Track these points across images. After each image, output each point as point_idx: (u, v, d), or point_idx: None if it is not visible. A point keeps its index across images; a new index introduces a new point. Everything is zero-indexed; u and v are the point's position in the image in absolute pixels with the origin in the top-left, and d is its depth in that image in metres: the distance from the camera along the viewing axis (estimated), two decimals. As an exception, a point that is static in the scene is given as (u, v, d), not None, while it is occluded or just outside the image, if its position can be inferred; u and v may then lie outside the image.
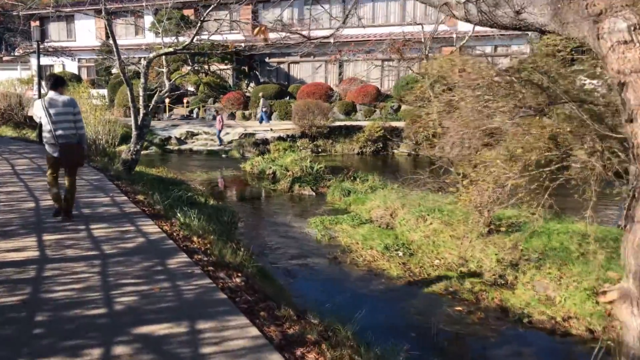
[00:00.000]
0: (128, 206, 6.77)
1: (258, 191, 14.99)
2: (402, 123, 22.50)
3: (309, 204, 13.18)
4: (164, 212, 6.80)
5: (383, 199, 11.40)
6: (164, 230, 5.64)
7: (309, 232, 10.54)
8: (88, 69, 35.05)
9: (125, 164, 12.42)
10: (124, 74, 12.23)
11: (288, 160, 17.42)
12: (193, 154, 22.58)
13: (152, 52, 24.67)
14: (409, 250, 9.11)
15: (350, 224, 10.82)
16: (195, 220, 6.28)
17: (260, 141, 22.12)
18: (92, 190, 8.00)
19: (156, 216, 6.38)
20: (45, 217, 6.20)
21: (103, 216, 6.23)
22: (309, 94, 26.16)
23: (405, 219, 10.28)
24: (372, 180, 14.31)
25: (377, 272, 8.27)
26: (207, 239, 5.51)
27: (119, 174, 10.36)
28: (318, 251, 9.40)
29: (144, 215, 6.30)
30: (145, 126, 12.94)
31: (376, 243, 9.36)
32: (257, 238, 10.17)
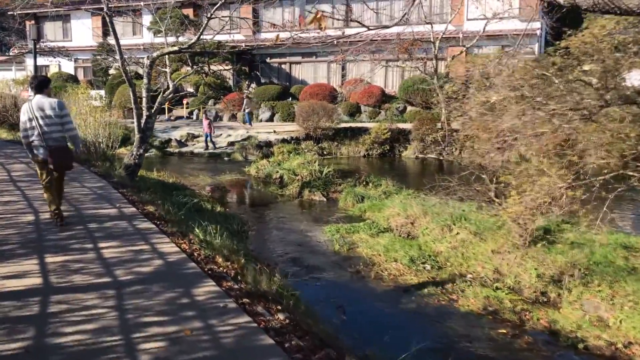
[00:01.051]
0: (138, 219, 6.10)
1: (266, 196, 14.33)
2: (409, 125, 21.91)
3: (320, 211, 12.54)
4: (178, 225, 6.14)
5: (402, 206, 10.77)
6: (182, 249, 4.98)
7: (325, 241, 9.91)
8: (85, 69, 34.29)
9: (128, 168, 11.75)
10: (126, 74, 11.55)
11: (295, 164, 16.79)
12: (194, 156, 21.90)
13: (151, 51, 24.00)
14: (436, 263, 8.49)
15: (368, 232, 10.19)
16: (218, 237, 5.60)
17: (264, 143, 21.46)
18: (96, 200, 7.33)
19: (171, 231, 5.72)
20: (47, 232, 5.53)
21: (112, 232, 5.56)
22: (312, 94, 25.51)
23: (428, 228, 9.66)
24: (386, 185, 13.67)
25: (406, 288, 7.63)
26: (233, 261, 4.86)
27: (122, 180, 9.69)
28: (338, 263, 8.76)
29: (158, 230, 5.64)
30: (148, 129, 12.28)
31: (400, 255, 8.73)
32: (271, 248, 9.52)
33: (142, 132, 12.03)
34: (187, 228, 6.11)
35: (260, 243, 9.87)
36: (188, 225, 6.40)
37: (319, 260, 8.97)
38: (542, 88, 6.62)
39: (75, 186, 8.54)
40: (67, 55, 28.96)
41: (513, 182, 7.08)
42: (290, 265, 8.56)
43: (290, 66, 29.84)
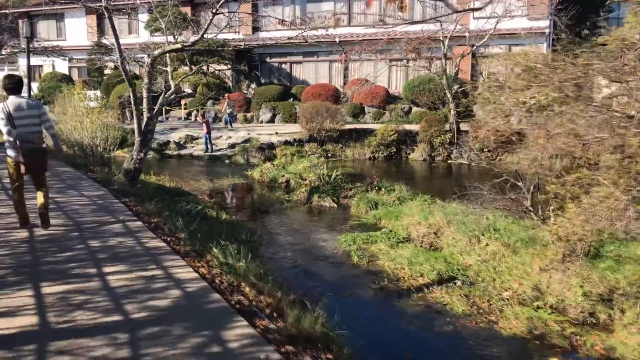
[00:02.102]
0: (146, 235, 5.40)
1: (272, 202, 13.63)
2: (415, 126, 21.25)
3: (332, 218, 11.85)
4: (190, 242, 5.44)
5: (423, 214, 10.09)
6: (201, 274, 4.28)
7: (342, 252, 9.22)
8: (79, 69, 33.49)
9: (128, 174, 11.04)
10: (126, 73, 10.84)
11: (300, 167, 16.12)
12: (193, 159, 21.17)
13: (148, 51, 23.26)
14: (466, 278, 7.82)
15: (387, 243, 9.52)
16: (241, 259, 4.88)
17: (266, 146, 20.74)
18: (97, 211, 6.62)
19: (185, 251, 5.02)
20: (43, 253, 4.82)
21: (117, 252, 4.86)
22: (315, 95, 24.80)
23: (454, 239, 8.98)
24: (400, 190, 12.99)
25: (437, 308, 6.95)
26: (263, 290, 4.17)
27: (123, 187, 8.98)
28: (359, 278, 8.08)
29: (169, 249, 4.94)
30: (149, 131, 11.58)
31: (426, 269, 8.06)
32: (285, 261, 8.82)
33: (143, 135, 11.34)
34: (200, 245, 5.41)
35: (272, 254, 9.17)
36: (201, 240, 5.70)
37: (337, 274, 8.30)
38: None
39: (73, 195, 7.83)
40: (62, 54, 28.17)
41: (563, 192, 6.39)
42: (307, 280, 7.87)
43: (291, 66, 29.14)
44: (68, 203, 7.10)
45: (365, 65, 26.41)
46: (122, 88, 25.49)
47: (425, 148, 20.32)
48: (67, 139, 13.63)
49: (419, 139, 20.48)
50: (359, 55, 19.82)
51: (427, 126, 20.14)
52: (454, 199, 10.20)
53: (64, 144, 14.68)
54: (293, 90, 27.13)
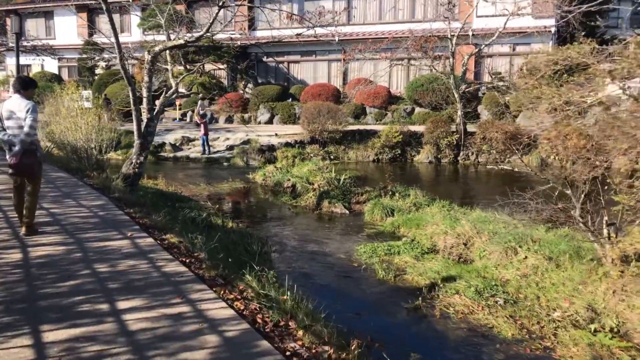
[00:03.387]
0: (161, 257, 4.62)
1: (278, 208, 12.86)
2: (420, 127, 20.56)
3: (345, 225, 11.10)
4: (213, 263, 4.66)
5: (448, 222, 9.36)
6: (237, 310, 3.51)
7: (363, 265, 8.47)
8: (69, 68, 32.49)
9: (127, 179, 10.24)
10: (125, 71, 10.03)
11: (305, 170, 15.37)
12: (190, 161, 20.36)
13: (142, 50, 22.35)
14: (507, 296, 7.08)
15: (411, 254, 8.78)
16: (287, 293, 4.06)
17: (266, 147, 19.98)
18: (100, 225, 5.82)
19: (210, 276, 4.24)
20: (42, 282, 4.02)
21: (131, 280, 4.07)
22: (315, 95, 24.08)
23: (487, 251, 8.26)
24: (415, 195, 12.25)
25: (483, 332, 6.22)
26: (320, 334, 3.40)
27: (124, 195, 8.18)
28: (388, 296, 7.34)
29: (192, 275, 4.16)
30: (150, 133, 10.80)
31: (461, 285, 7.32)
32: (305, 277, 8.04)
33: (143, 138, 10.56)
34: (225, 268, 4.62)
35: (288, 268, 8.38)
36: (224, 261, 4.92)
37: (363, 291, 7.54)
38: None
39: (70, 205, 7.02)
40: (52, 53, 27.20)
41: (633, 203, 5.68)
42: (333, 299, 7.10)
43: (289, 65, 28.38)
44: (66, 215, 6.29)
45: (366, 65, 25.69)
46: (116, 88, 24.61)
47: (431, 150, 19.64)
48: (59, 141, 12.79)
49: (425, 141, 19.79)
50: (363, 54, 19.01)
51: (432, 127, 19.46)
52: (477, 205, 9.44)
53: (55, 147, 13.86)
54: (291, 90, 26.38)
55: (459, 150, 19.52)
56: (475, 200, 12.88)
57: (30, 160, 5.61)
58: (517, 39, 22.81)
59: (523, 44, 24.16)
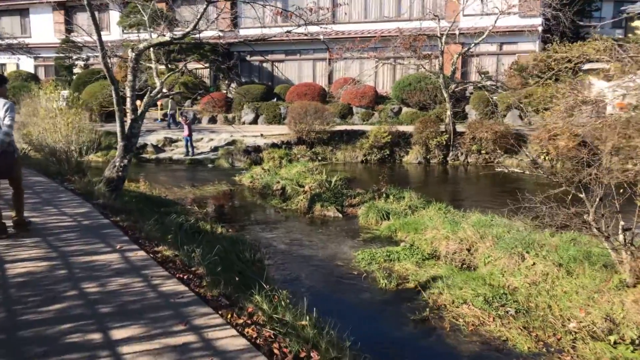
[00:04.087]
0: (156, 273, 4.16)
1: (268, 212, 12.42)
2: (409, 127, 20.24)
3: (340, 230, 10.69)
4: (213, 279, 4.21)
5: (450, 226, 9.01)
6: (250, 339, 3.08)
7: (363, 272, 8.08)
8: (46, 68, 31.58)
9: (110, 183, 9.70)
10: (108, 69, 9.51)
11: (294, 172, 14.94)
12: (173, 163, 19.78)
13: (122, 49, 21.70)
14: (517, 305, 6.74)
15: (411, 260, 8.43)
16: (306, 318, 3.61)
17: (252, 148, 19.50)
18: (85, 236, 5.33)
19: (212, 296, 3.79)
20: (22, 306, 3.54)
21: (125, 302, 3.61)
22: (300, 95, 23.66)
23: (492, 257, 7.92)
24: (409, 197, 11.90)
25: (497, 345, 5.86)
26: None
27: (109, 201, 7.67)
28: (391, 305, 6.96)
29: (194, 295, 3.72)
30: (134, 135, 10.27)
31: (468, 293, 6.97)
32: (303, 287, 7.61)
33: (127, 139, 10.04)
34: (228, 285, 4.18)
35: (285, 277, 7.96)
36: (224, 276, 4.48)
37: (365, 301, 7.15)
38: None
39: (51, 213, 6.50)
40: (28, 51, 26.35)
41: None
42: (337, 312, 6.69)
43: (273, 64, 27.90)
44: (47, 225, 5.78)
45: (352, 64, 25.32)
46: (95, 87, 23.91)
47: (420, 150, 19.35)
48: (37, 143, 12.19)
49: (414, 141, 19.48)
50: (351, 53, 18.62)
51: (422, 127, 19.15)
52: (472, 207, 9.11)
53: (33, 149, 13.23)
54: (276, 90, 25.92)
55: (449, 151, 19.26)
56: (470, 202, 12.59)
57: (9, 161, 5.40)
58: (504, 38, 22.70)
59: (510, 43, 24.05)
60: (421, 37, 18.05)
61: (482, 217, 9.71)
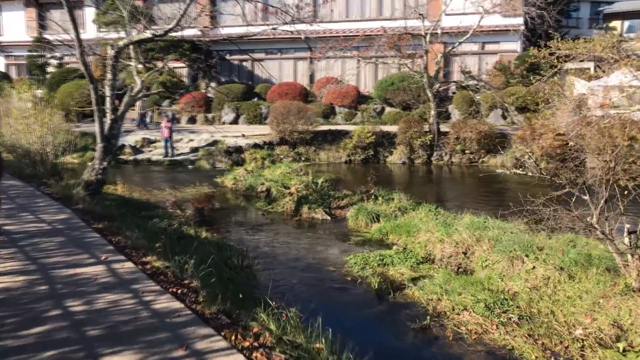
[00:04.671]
0: (147, 287, 3.81)
1: (254, 215, 12.05)
2: (393, 127, 20.04)
3: (329, 233, 10.39)
4: (208, 292, 3.87)
5: (444, 229, 8.77)
6: (259, 364, 2.75)
7: (356, 277, 7.79)
8: (18, 66, 30.66)
9: (89, 187, 9.26)
10: (87, 67, 9.07)
11: (279, 173, 14.62)
12: (152, 164, 19.24)
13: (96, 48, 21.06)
14: (519, 310, 6.51)
15: (406, 265, 8.18)
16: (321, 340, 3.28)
17: (233, 149, 19.08)
18: (66, 246, 4.94)
19: (210, 314, 3.45)
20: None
21: (116, 322, 3.25)
22: (282, 94, 23.30)
23: (489, 260, 7.69)
24: (399, 199, 11.65)
25: (503, 355, 5.62)
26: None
27: (89, 206, 7.25)
28: (390, 315, 6.67)
29: (191, 313, 3.38)
30: (114, 136, 9.86)
31: (468, 300, 6.72)
32: (296, 295, 7.28)
33: (106, 141, 9.62)
34: (225, 300, 3.84)
35: (276, 284, 7.60)
36: (221, 288, 4.13)
37: (361, 308, 6.86)
38: None
39: (28, 220, 6.08)
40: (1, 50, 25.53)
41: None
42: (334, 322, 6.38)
43: (253, 64, 27.46)
44: (24, 233, 5.36)
45: (334, 64, 25.04)
46: (70, 87, 23.23)
47: (404, 150, 19.15)
48: (10, 144, 11.65)
49: (398, 141, 19.29)
50: (334, 52, 18.33)
51: (406, 127, 18.95)
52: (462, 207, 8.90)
53: (5, 151, 12.67)
54: (257, 90, 25.52)
55: (433, 151, 19.10)
56: (457, 202, 12.46)
57: None
58: (486, 37, 22.61)
59: (492, 42, 24.01)
60: (405, 36, 17.80)
61: (475, 218, 9.49)
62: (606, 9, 29.21)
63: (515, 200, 7.76)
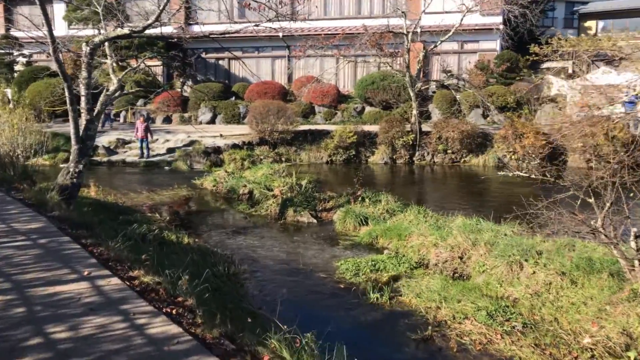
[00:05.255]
0: (139, 308, 3.42)
1: (236, 218, 11.63)
2: (374, 127, 19.80)
3: (316, 237, 10.05)
4: (205, 312, 3.49)
5: (437, 232, 8.50)
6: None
7: (349, 284, 7.48)
8: (-17, 64, 29.50)
9: (64, 191, 8.73)
10: (60, 64, 8.55)
11: (260, 175, 14.24)
12: (127, 166, 18.64)
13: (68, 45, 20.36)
14: (522, 318, 6.27)
15: (399, 270, 7.89)
16: None
17: (212, 150, 18.61)
18: (44, 259, 4.50)
19: (212, 339, 3.09)
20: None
21: (107, 351, 2.86)
22: (260, 93, 22.89)
23: (487, 265, 7.45)
24: (386, 200, 11.37)
25: (511, 366, 5.35)
26: None
27: (65, 213, 6.77)
28: (387, 323, 6.36)
29: (191, 339, 3.00)
30: (89, 137, 9.35)
31: (468, 307, 6.46)
32: (286, 305, 6.91)
33: (82, 142, 9.11)
34: (224, 320, 3.47)
35: (265, 294, 7.24)
36: (220, 307, 3.76)
37: (357, 318, 6.53)
38: None
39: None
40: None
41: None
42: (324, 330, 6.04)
43: (229, 62, 27.00)
44: (-5, 245, 4.89)
45: (312, 62, 24.69)
46: (39, 86, 22.41)
47: (386, 150, 18.94)
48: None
49: (379, 141, 19.06)
50: (315, 51, 17.99)
51: (387, 127, 18.73)
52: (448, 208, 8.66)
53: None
54: (234, 88, 25.03)
55: (415, 151, 18.92)
56: (443, 203, 12.31)
57: None
58: (465, 36, 22.51)
59: (471, 41, 23.96)
60: (387, 34, 17.55)
61: (467, 220, 9.27)
62: (582, 8, 29.46)
63: (500, 201, 7.60)
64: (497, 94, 20.37)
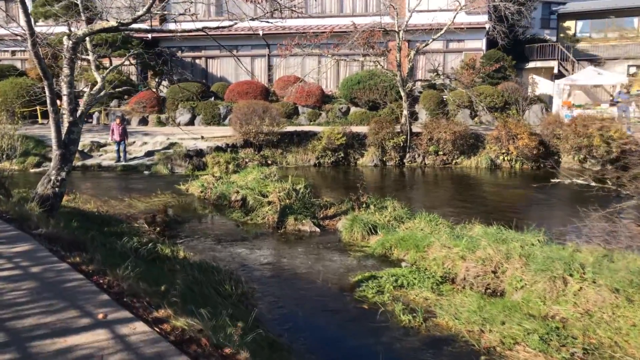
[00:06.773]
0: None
1: (231, 228, 10.77)
2: (364, 128, 19.12)
3: (322, 248, 9.27)
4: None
5: (464, 243, 7.81)
6: None
7: (371, 302, 6.75)
8: (-57, 63, 27.79)
9: (45, 202, 7.79)
10: (40, 60, 7.57)
11: (250, 179, 13.40)
12: (103, 170, 17.57)
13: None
14: (578, 342, 5.62)
15: (425, 286, 7.17)
16: None
17: (194, 152, 17.67)
18: (42, 296, 3.61)
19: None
20: None
21: None
22: (242, 93, 22.00)
23: (525, 280, 6.79)
24: (392, 207, 10.67)
25: (583, 403, 4.67)
26: None
27: (53, 230, 5.84)
28: (429, 353, 5.63)
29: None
30: (73, 142, 8.39)
31: (515, 330, 5.80)
32: (308, 335, 6.12)
33: (64, 147, 8.18)
34: None
35: (281, 321, 6.42)
36: None
37: (390, 345, 5.79)
38: None
39: (-22, 255, 4.64)
40: None
41: None
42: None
43: (207, 61, 26.01)
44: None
45: (294, 62, 23.88)
46: (5, 85, 21.06)
47: (376, 152, 18.30)
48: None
49: (369, 142, 18.41)
50: (302, 49, 17.20)
51: (377, 128, 18.08)
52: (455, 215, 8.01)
53: None
54: (213, 89, 24.07)
55: (405, 152, 18.32)
56: (446, 207, 11.70)
57: None
58: (451, 35, 22.02)
59: (456, 40, 23.52)
60: (377, 32, 16.89)
61: (487, 229, 8.62)
62: (560, 9, 29.37)
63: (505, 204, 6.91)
64: (485, 94, 19.93)
